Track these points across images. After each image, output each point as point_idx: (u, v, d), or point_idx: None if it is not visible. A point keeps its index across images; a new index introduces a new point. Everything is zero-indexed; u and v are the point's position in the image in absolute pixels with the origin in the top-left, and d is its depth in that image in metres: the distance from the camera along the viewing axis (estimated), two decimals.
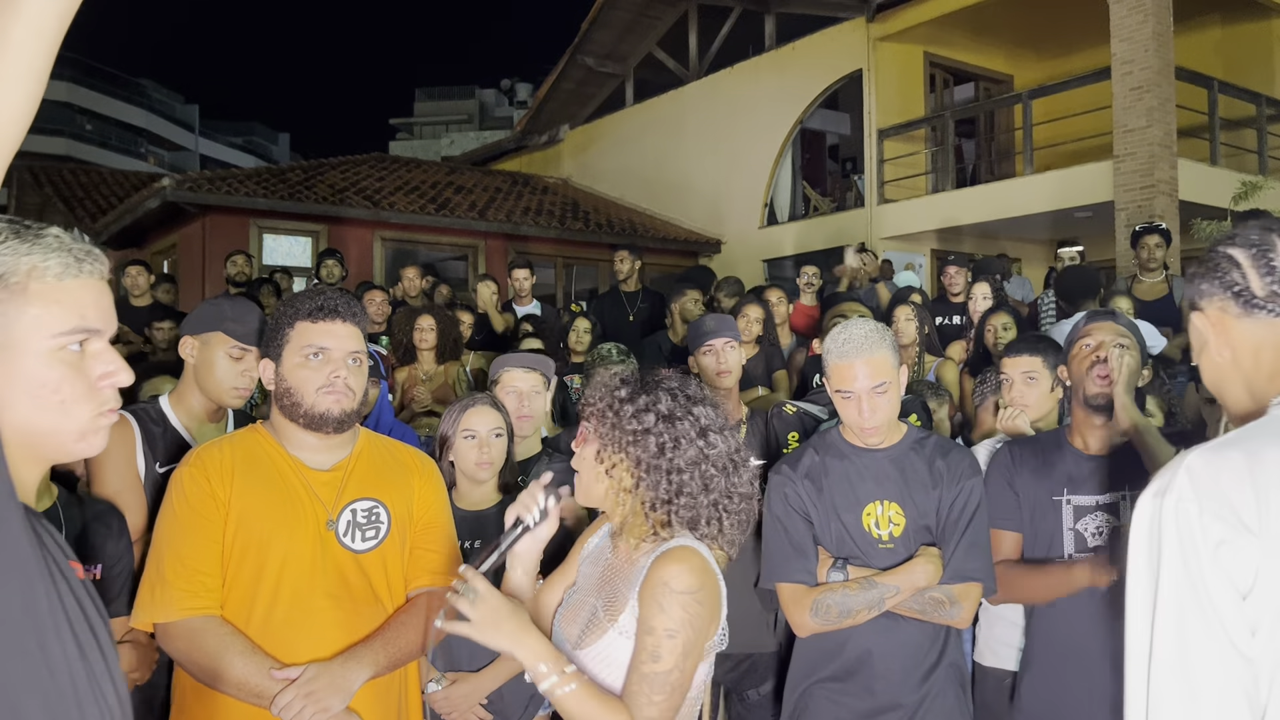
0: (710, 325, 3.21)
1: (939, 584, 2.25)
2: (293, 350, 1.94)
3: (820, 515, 2.35)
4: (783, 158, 12.85)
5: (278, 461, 1.97)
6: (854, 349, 2.25)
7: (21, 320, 1.04)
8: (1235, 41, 11.23)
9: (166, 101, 46.19)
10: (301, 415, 1.94)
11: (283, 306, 2.01)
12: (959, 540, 2.29)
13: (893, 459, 2.35)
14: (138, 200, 10.97)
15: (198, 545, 1.88)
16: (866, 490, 2.34)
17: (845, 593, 2.24)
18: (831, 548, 2.33)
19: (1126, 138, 9.11)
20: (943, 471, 2.33)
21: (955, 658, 2.36)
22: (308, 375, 1.93)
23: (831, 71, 12.17)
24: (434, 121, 52.21)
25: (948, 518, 2.31)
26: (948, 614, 2.26)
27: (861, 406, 2.25)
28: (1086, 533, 2.40)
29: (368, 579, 1.96)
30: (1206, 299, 1.29)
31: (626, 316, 6.47)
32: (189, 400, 2.52)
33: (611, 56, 14.85)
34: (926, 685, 2.27)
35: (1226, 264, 1.26)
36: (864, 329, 2.29)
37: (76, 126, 39.17)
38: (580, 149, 15.88)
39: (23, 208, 14.80)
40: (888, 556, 2.30)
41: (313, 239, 11.06)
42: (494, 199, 13.04)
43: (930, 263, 11.46)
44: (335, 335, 1.94)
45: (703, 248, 13.22)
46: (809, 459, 2.40)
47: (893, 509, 2.32)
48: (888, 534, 2.32)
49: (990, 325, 4.41)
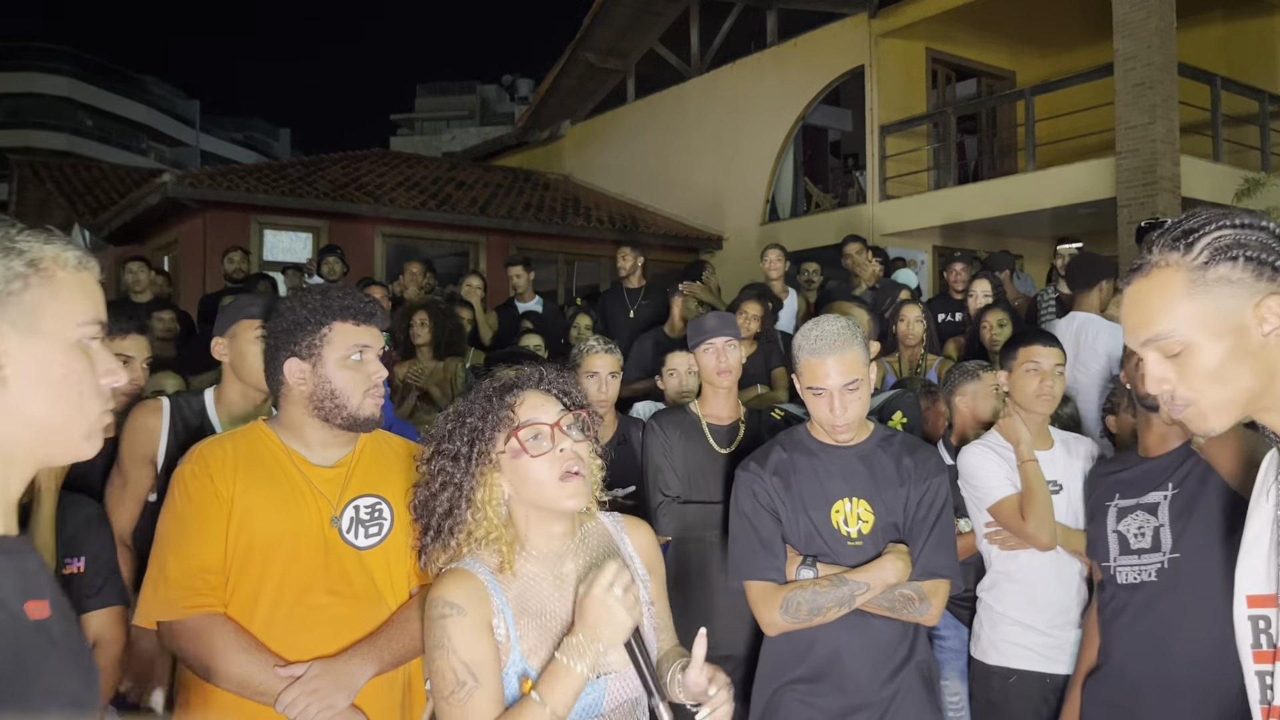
0: (711, 323, 3.18)
1: (908, 581, 2.24)
2: (334, 350, 1.92)
3: (788, 512, 2.33)
4: (784, 154, 12.83)
5: (280, 458, 1.96)
6: (826, 345, 2.23)
7: (52, 307, 1.02)
8: (1238, 38, 11.20)
9: (167, 97, 46.18)
10: (344, 417, 1.93)
11: (311, 305, 1.95)
12: (927, 537, 2.29)
13: (861, 456, 2.34)
14: (139, 196, 10.96)
15: (200, 543, 1.87)
16: (835, 487, 2.33)
17: (815, 590, 2.23)
18: (800, 545, 2.32)
19: (1129, 134, 9.09)
20: (910, 469, 2.33)
21: (924, 655, 2.36)
22: (352, 377, 1.92)
23: (833, 67, 12.15)
24: (435, 117, 52.13)
25: (915, 515, 2.31)
26: (917, 611, 2.26)
27: (833, 403, 2.24)
28: (1129, 534, 2.36)
29: (371, 576, 1.96)
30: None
31: (628, 313, 6.45)
32: (230, 398, 2.60)
33: (613, 52, 14.82)
34: (896, 683, 2.27)
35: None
36: (835, 325, 2.27)
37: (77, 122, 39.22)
38: (582, 145, 15.86)
39: (24, 203, 14.80)
40: (856, 554, 2.29)
41: (313, 235, 11.05)
42: (495, 195, 13.02)
43: (932, 259, 11.44)
44: (374, 335, 1.96)
45: (704, 244, 13.20)
46: (776, 456, 2.39)
47: (861, 506, 2.32)
48: (856, 531, 2.31)
49: (986, 322, 4.41)
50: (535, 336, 5.29)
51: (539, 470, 1.65)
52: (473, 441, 1.68)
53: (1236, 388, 1.23)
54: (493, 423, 1.68)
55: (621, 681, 1.63)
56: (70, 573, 2.15)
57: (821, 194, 13.28)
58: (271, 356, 1.98)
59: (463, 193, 12.72)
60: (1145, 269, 1.28)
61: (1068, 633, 2.74)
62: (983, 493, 2.83)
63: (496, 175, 14.64)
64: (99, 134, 39.59)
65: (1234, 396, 1.23)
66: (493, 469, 1.68)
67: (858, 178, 12.58)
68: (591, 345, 3.46)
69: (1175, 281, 1.23)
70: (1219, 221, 1.24)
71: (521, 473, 1.66)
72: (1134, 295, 1.29)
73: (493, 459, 1.67)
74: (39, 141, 35.44)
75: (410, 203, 11.62)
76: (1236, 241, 1.22)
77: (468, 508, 1.67)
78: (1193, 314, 1.22)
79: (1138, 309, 1.28)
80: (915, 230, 11.30)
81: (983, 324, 4.44)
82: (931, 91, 12.26)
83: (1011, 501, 2.76)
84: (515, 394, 1.70)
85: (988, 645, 2.84)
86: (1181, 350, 1.23)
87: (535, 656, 1.61)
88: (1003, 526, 2.81)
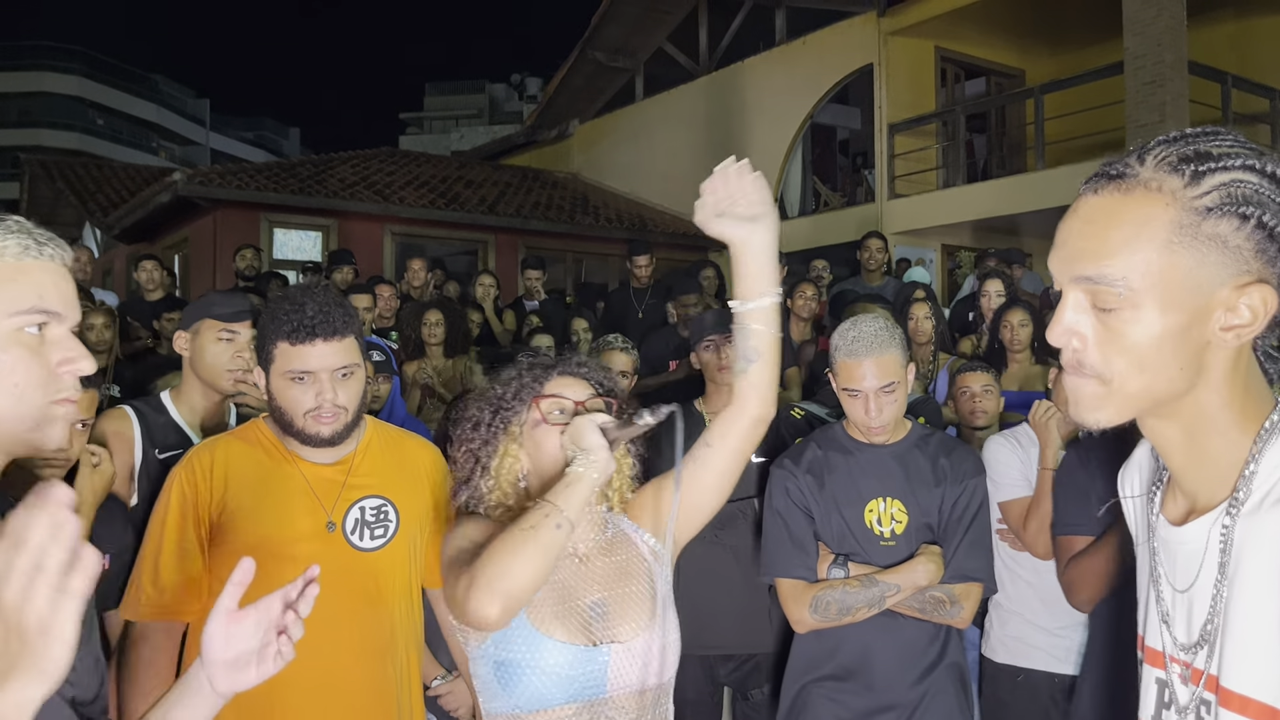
0: (712, 320, 3.17)
1: (940, 583, 2.23)
2: (277, 370, 1.89)
3: (821, 510, 2.33)
4: (793, 152, 12.82)
5: (277, 458, 1.95)
6: (864, 347, 2.22)
7: None
8: (1249, 36, 11.14)
9: (178, 96, 46.37)
10: (294, 433, 1.92)
11: (265, 317, 1.92)
12: (961, 539, 2.28)
13: (896, 456, 2.34)
14: (149, 194, 11.02)
15: (172, 553, 1.88)
16: (869, 486, 2.32)
17: (845, 590, 2.22)
18: (832, 544, 2.32)
19: (1139, 133, 9.05)
20: (946, 469, 2.32)
21: (956, 657, 2.34)
22: (295, 396, 1.88)
23: (842, 66, 12.13)
24: (444, 116, 52.19)
25: (950, 516, 2.30)
26: (948, 614, 2.25)
27: (869, 405, 2.23)
28: None
29: (374, 578, 1.94)
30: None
31: (636, 313, 6.45)
32: (190, 395, 2.57)
33: (621, 51, 14.82)
34: (925, 684, 2.26)
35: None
36: (873, 326, 2.26)
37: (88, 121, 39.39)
38: (590, 144, 15.86)
39: (35, 201, 14.89)
40: (889, 554, 2.29)
41: (323, 233, 11.09)
42: (504, 194, 13.04)
43: (940, 258, 11.42)
44: (318, 355, 1.85)
45: (712, 242, 13.06)
46: (811, 453, 2.39)
47: (895, 506, 2.31)
48: (889, 531, 2.30)
49: (1007, 321, 4.36)
50: (546, 337, 5.30)
51: (555, 441, 1.63)
52: (497, 410, 1.69)
53: (1156, 380, 0.94)
54: (518, 393, 1.69)
55: (628, 657, 1.59)
56: None
57: (830, 193, 13.26)
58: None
59: (471, 192, 12.74)
60: (1126, 182, 0.95)
61: (1077, 634, 2.71)
62: (996, 488, 2.81)
63: (505, 174, 14.66)
64: (110, 133, 39.75)
65: (1148, 390, 0.95)
66: (511, 440, 1.68)
67: (866, 176, 12.56)
68: (609, 342, 3.45)
69: (1159, 217, 0.92)
70: (1245, 159, 0.91)
71: (538, 442, 1.65)
72: (1096, 211, 0.97)
73: (512, 430, 1.68)
74: (50, 140, 35.61)
75: (419, 202, 11.64)
76: (1256, 196, 0.90)
77: (482, 475, 1.68)
78: (1157, 267, 0.91)
79: (1092, 231, 0.96)
80: (923, 229, 11.28)
81: (1002, 323, 4.40)
82: (940, 90, 12.23)
83: (1020, 504, 2.75)
84: (549, 373, 1.71)
85: (997, 643, 2.83)
86: (1117, 308, 0.93)
87: (547, 627, 1.57)
88: (1008, 526, 2.81)
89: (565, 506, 1.49)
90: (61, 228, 14.58)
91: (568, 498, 1.50)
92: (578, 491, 1.51)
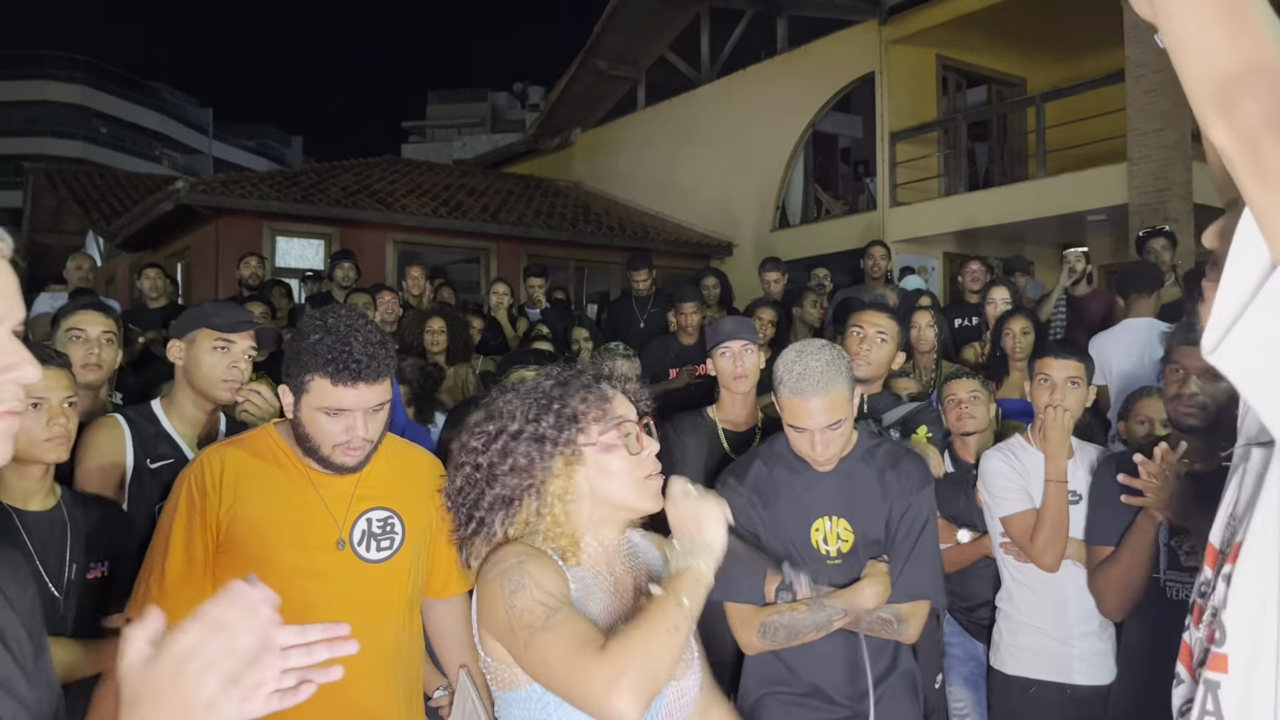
0: (728, 328, 3.13)
1: (888, 601, 2.22)
2: (311, 402, 1.86)
3: (767, 530, 2.30)
4: (794, 160, 12.83)
5: (288, 466, 1.95)
6: (810, 386, 2.13)
7: None
8: None
9: (180, 105, 46.53)
10: (317, 460, 1.92)
11: (302, 344, 1.86)
12: (908, 556, 2.26)
13: (843, 472, 2.30)
14: (152, 203, 11.04)
15: (175, 558, 1.88)
16: (814, 505, 2.29)
17: (793, 615, 2.21)
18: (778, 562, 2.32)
19: (1140, 140, 9.06)
20: (892, 483, 2.30)
21: (907, 665, 2.35)
22: (326, 428, 1.87)
23: (844, 74, 12.14)
24: (446, 124, 52.32)
25: (897, 532, 2.28)
26: (895, 632, 2.25)
27: (814, 442, 2.19)
28: (1181, 551, 2.33)
29: (381, 589, 1.94)
30: None
31: (637, 322, 6.46)
32: (181, 404, 2.56)
33: (623, 59, 14.85)
34: (878, 693, 2.26)
35: None
36: (821, 360, 2.16)
37: (91, 130, 39.52)
38: (592, 152, 15.89)
39: (39, 209, 14.93)
40: (836, 572, 2.27)
41: (325, 241, 11.10)
42: (506, 202, 13.06)
43: (942, 265, 11.42)
44: (357, 397, 1.84)
45: (714, 250, 13.20)
46: (756, 470, 2.34)
47: (841, 525, 2.29)
48: (836, 550, 2.28)
49: (1009, 330, 4.35)
50: (546, 343, 5.31)
51: (629, 468, 1.57)
52: (563, 427, 1.56)
53: None
54: (590, 412, 1.57)
55: (678, 693, 1.55)
56: (94, 577, 2.17)
57: (832, 201, 13.27)
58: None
59: (473, 200, 12.76)
60: None
61: (1088, 643, 2.70)
62: (996, 502, 2.80)
63: (507, 182, 14.68)
64: (113, 141, 39.87)
65: None
66: (574, 460, 1.57)
67: (868, 184, 12.57)
68: (611, 350, 3.45)
69: None
70: None
71: (607, 468, 1.57)
72: None
73: (577, 450, 1.56)
74: (53, 149, 35.71)
75: (421, 209, 11.66)
76: None
77: (536, 498, 1.56)
78: None
79: None
80: (925, 237, 11.28)
81: (1004, 331, 4.39)
82: (942, 98, 12.24)
83: (1023, 518, 2.72)
84: (611, 389, 1.62)
85: (1006, 655, 2.81)
86: None
87: None
88: (1011, 540, 2.79)
89: (694, 606, 1.45)
90: (65, 236, 14.63)
91: (695, 598, 1.45)
92: (703, 593, 1.47)
